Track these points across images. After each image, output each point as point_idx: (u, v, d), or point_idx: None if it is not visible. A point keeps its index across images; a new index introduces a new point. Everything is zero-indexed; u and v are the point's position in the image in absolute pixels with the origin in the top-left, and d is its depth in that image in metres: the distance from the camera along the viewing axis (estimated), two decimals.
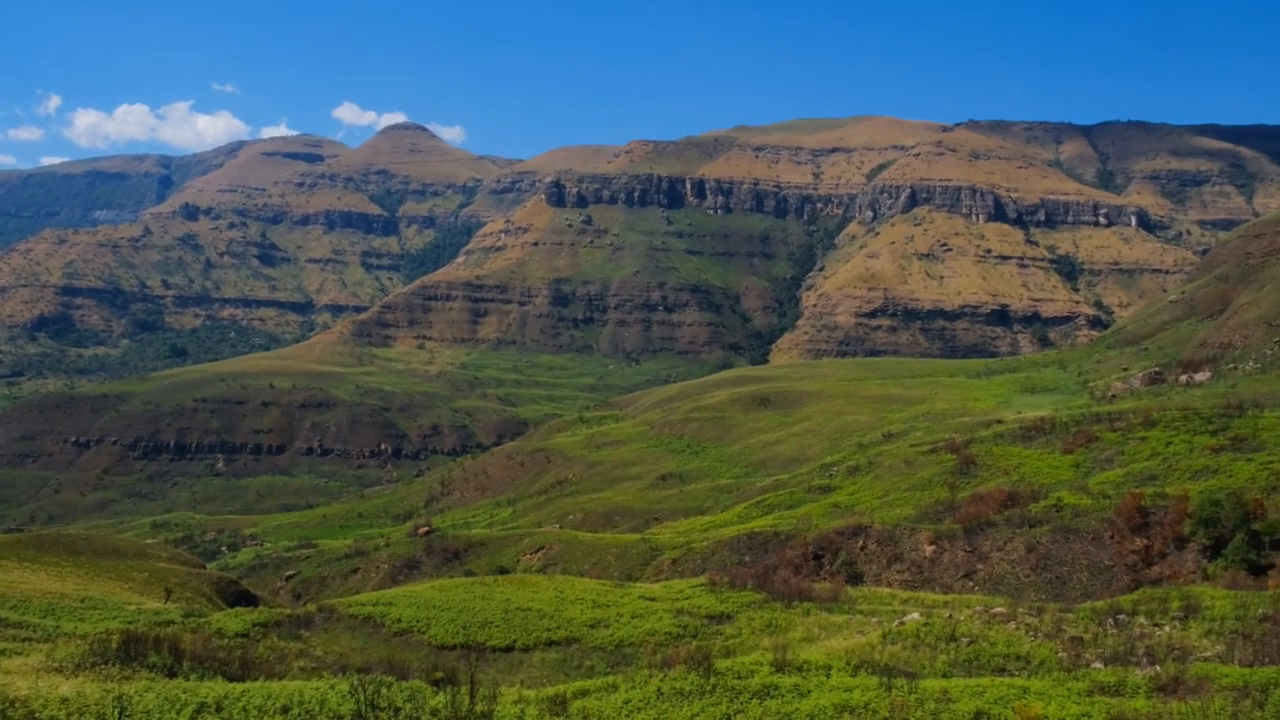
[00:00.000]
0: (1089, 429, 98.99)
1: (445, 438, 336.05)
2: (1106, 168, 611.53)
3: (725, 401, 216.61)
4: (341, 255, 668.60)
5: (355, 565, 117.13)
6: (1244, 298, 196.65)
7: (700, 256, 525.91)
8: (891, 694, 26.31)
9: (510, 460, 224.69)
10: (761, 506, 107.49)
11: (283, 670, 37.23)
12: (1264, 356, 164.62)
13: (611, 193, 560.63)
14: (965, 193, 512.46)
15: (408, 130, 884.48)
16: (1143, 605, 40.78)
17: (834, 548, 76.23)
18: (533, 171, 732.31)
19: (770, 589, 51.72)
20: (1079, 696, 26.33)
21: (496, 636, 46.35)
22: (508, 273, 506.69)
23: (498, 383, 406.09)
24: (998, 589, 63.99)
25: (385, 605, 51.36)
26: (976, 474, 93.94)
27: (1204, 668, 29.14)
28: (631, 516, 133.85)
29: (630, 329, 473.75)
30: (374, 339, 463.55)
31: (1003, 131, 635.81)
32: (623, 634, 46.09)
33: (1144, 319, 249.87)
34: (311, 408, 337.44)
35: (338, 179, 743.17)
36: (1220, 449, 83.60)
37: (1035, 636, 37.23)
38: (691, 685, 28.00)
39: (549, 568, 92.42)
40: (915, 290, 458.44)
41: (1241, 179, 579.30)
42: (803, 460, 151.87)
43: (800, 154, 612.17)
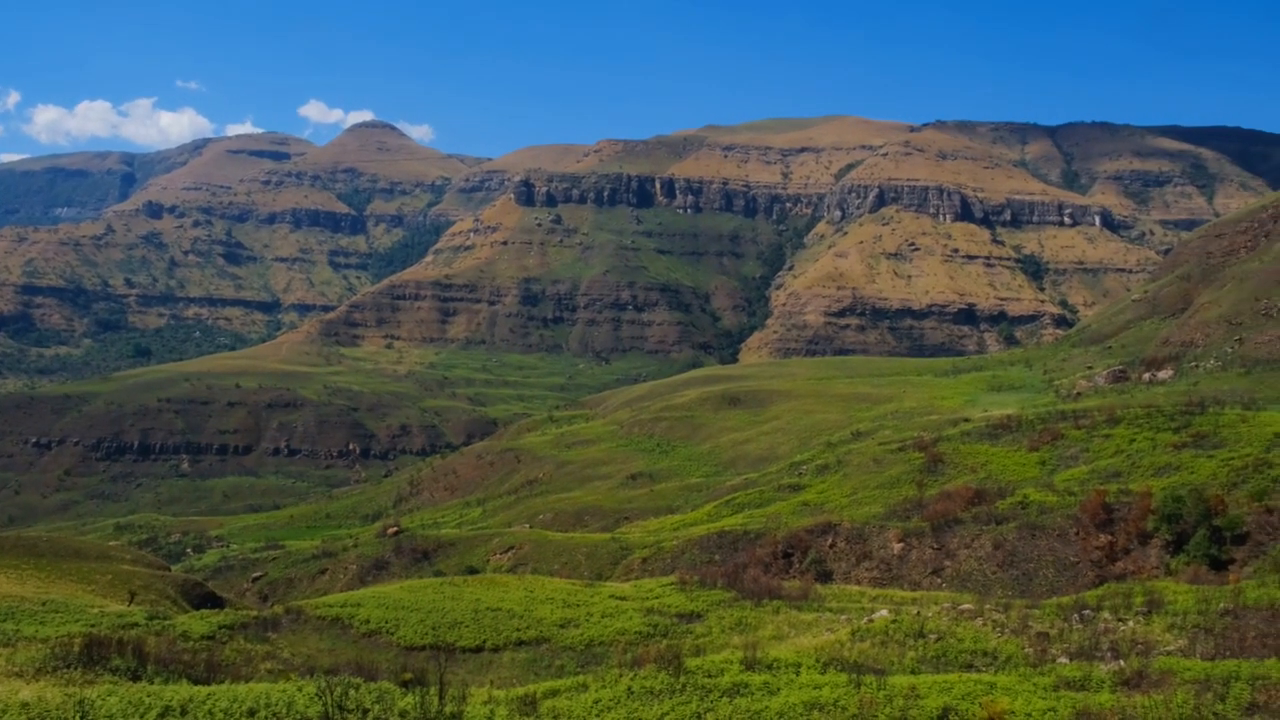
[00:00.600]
0: (1054, 427, 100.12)
1: (414, 438, 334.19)
2: (1071, 168, 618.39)
3: (695, 401, 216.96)
4: (309, 254, 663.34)
5: (323, 566, 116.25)
6: (1205, 297, 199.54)
7: (670, 256, 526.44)
8: (860, 691, 26.44)
9: (480, 460, 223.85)
10: (731, 505, 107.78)
11: (249, 673, 36.88)
12: (1225, 355, 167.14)
13: (581, 192, 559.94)
14: (933, 193, 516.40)
15: (376, 128, 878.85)
16: (1107, 601, 41.25)
17: (803, 546, 76.57)
18: (502, 170, 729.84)
19: (740, 587, 51.85)
20: (1045, 691, 26.59)
21: (466, 637, 46.14)
22: (477, 272, 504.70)
23: (467, 382, 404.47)
24: (965, 586, 64.54)
25: (353, 606, 51.00)
26: (944, 472, 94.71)
27: (1167, 662, 29.51)
28: (601, 516, 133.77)
29: (600, 328, 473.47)
30: (342, 338, 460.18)
31: (969, 132, 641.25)
32: (593, 633, 46.04)
33: (1108, 318, 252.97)
34: (278, 408, 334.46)
35: (305, 177, 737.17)
36: (1182, 446, 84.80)
37: (1002, 632, 37.56)
38: (662, 684, 28.00)
39: (519, 567, 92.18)
40: (883, 289, 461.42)
41: (1202, 179, 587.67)
42: (772, 459, 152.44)
43: (769, 154, 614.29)
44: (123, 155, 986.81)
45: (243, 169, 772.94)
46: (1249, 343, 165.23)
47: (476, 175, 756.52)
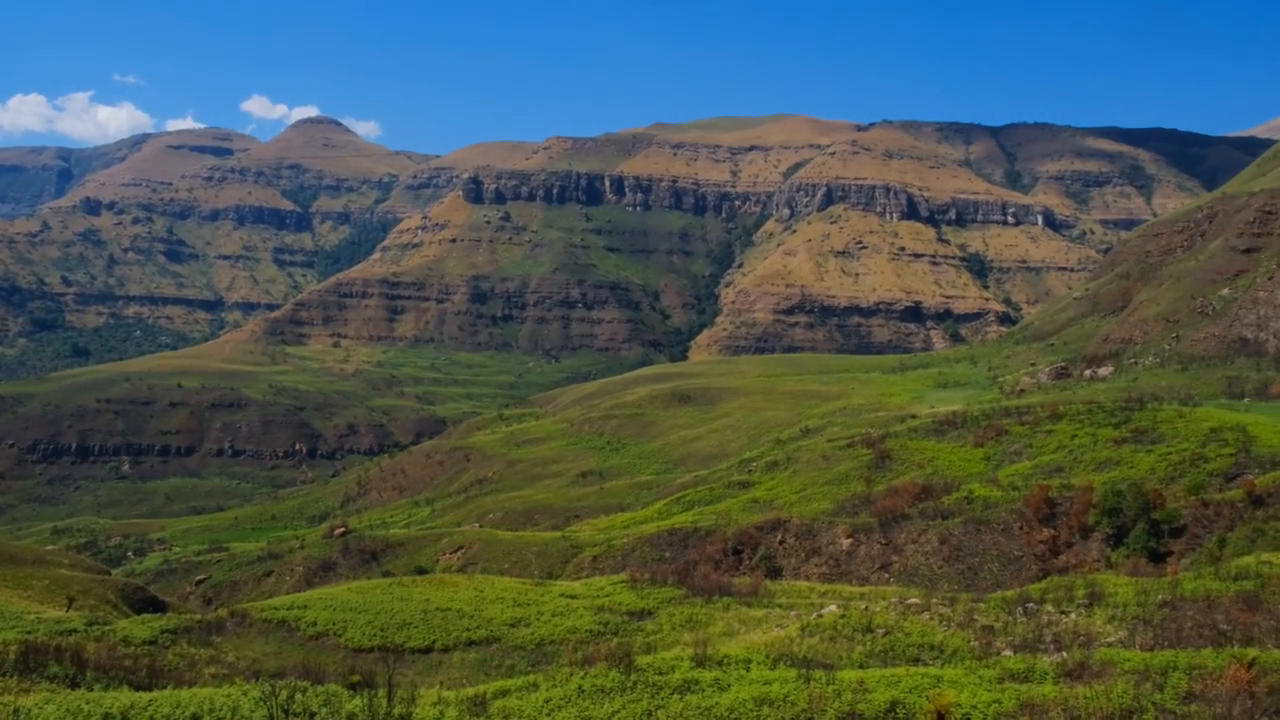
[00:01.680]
0: (999, 423, 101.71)
1: (362, 437, 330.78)
2: (1014, 168, 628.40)
3: (645, 398, 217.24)
4: (253, 251, 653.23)
5: (269, 568, 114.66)
6: (1143, 295, 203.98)
7: (619, 254, 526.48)
8: (810, 686, 26.64)
9: (429, 459, 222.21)
10: (681, 503, 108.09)
11: (193, 678, 36.27)
12: (1162, 351, 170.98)
13: (530, 189, 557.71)
14: (880, 191, 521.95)
15: (321, 124, 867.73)
16: (1050, 594, 42.00)
17: (753, 543, 77.02)
18: (450, 167, 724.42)
19: (691, 585, 52.01)
20: (990, 684, 26.98)
21: (415, 638, 45.79)
22: (425, 269, 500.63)
23: (415, 381, 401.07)
24: (912, 580, 65.32)
25: (300, 609, 50.36)
26: (891, 468, 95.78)
27: (1108, 653, 30.10)
28: (552, 514, 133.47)
29: (549, 326, 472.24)
30: (287, 337, 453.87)
31: (915, 131, 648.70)
32: (543, 632, 45.92)
33: (1050, 316, 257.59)
34: (222, 408, 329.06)
35: (248, 173, 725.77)
36: (1122, 441, 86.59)
37: (948, 626, 38.08)
38: (612, 682, 27.99)
39: (469, 567, 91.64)
40: (831, 287, 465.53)
41: (1140, 180, 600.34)
42: (722, 456, 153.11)
43: (718, 152, 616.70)
44: (59, 150, 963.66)
45: (184, 165, 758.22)
46: (1186, 340, 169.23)
47: (424, 172, 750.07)
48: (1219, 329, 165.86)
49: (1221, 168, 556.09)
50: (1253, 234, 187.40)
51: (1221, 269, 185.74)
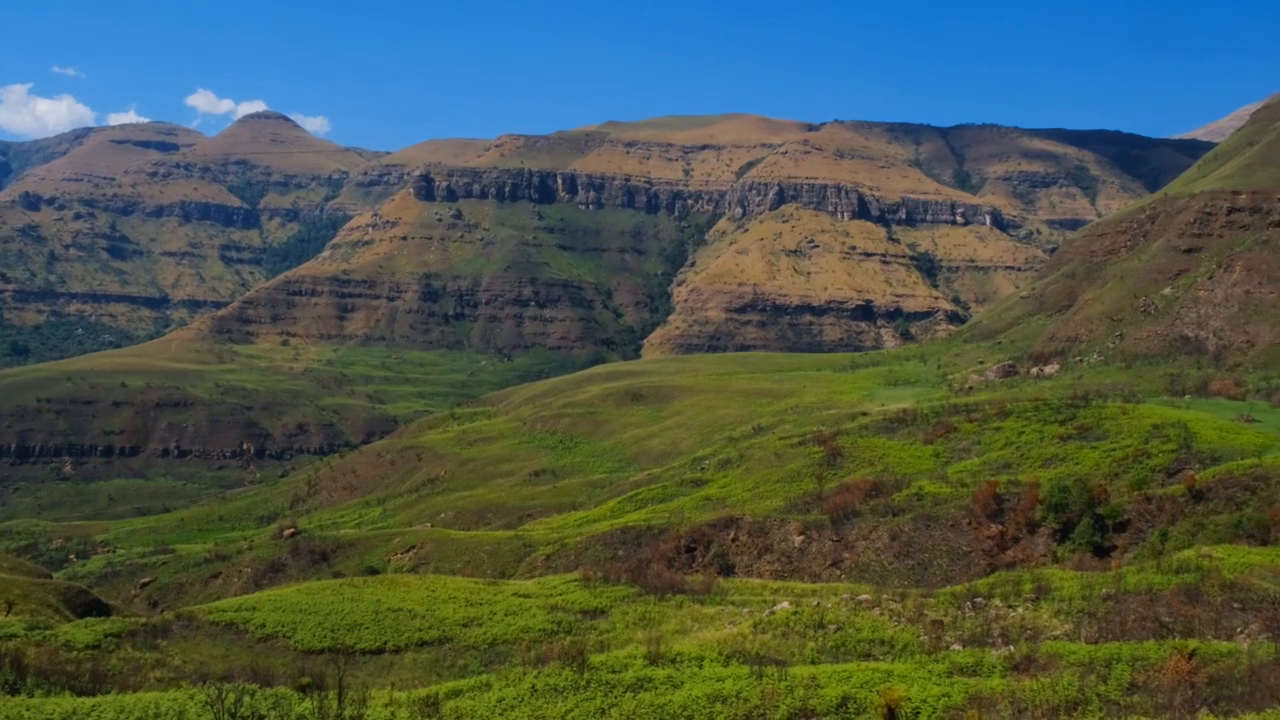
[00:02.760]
0: (948, 420, 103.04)
1: (311, 436, 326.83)
2: (963, 168, 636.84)
3: (598, 397, 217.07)
4: (199, 248, 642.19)
5: (216, 570, 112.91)
6: (1088, 294, 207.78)
7: (572, 252, 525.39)
8: (762, 682, 26.78)
9: (380, 459, 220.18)
10: (634, 501, 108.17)
11: (138, 682, 35.65)
12: (1107, 349, 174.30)
13: (482, 187, 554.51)
14: (831, 191, 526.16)
15: (269, 120, 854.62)
16: (998, 588, 42.63)
17: (706, 540, 77.27)
18: (401, 164, 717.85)
19: (644, 583, 52.04)
20: (939, 678, 27.30)
21: (366, 639, 45.36)
22: (376, 267, 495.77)
23: (366, 379, 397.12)
24: (864, 576, 65.92)
25: (248, 610, 49.66)
26: (843, 465, 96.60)
27: (1054, 646, 30.61)
28: (504, 513, 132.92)
29: (502, 325, 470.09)
30: (235, 335, 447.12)
31: (865, 131, 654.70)
32: (496, 632, 45.71)
33: (998, 314, 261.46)
34: (168, 407, 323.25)
35: (194, 169, 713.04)
36: (1068, 438, 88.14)
37: (899, 621, 38.49)
38: (566, 681, 27.93)
39: (421, 567, 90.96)
40: (784, 286, 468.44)
41: (1085, 181, 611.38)
42: (675, 454, 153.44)
43: (671, 150, 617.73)
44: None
45: (127, 160, 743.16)
46: (1129, 338, 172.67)
47: (375, 169, 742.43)
48: (1161, 327, 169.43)
49: (1163, 169, 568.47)
50: (1193, 234, 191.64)
51: (1164, 269, 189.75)
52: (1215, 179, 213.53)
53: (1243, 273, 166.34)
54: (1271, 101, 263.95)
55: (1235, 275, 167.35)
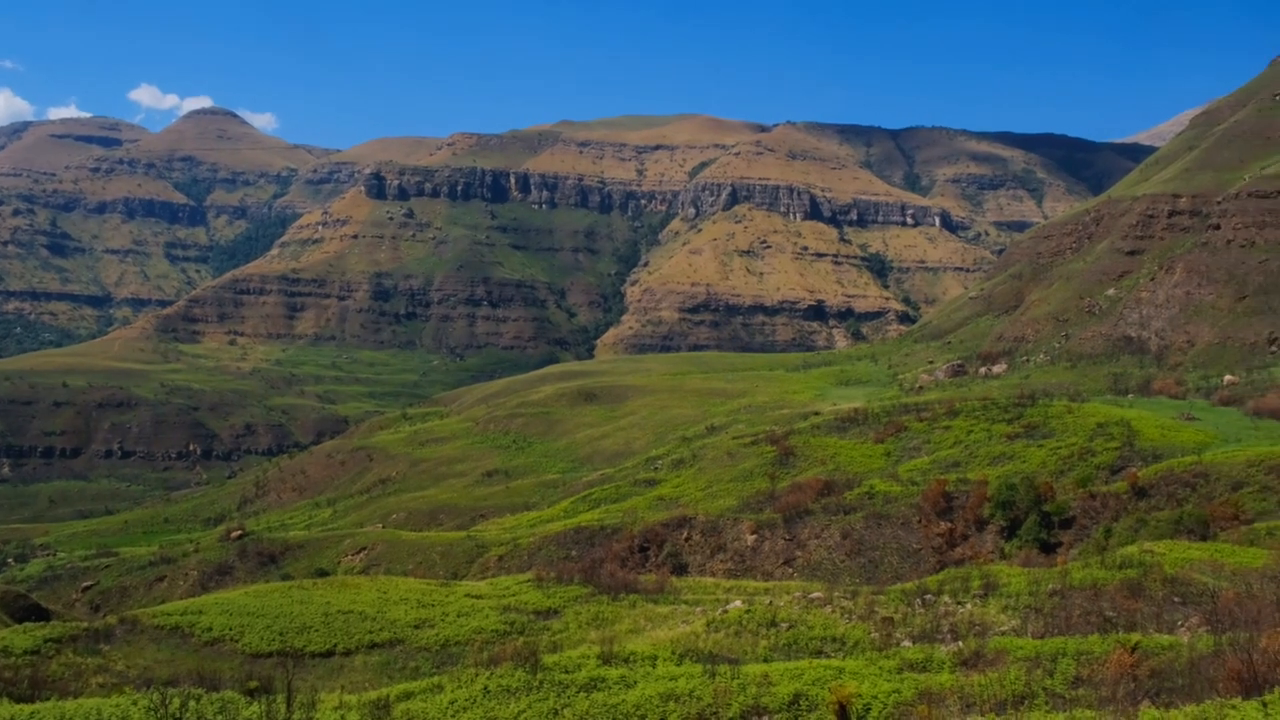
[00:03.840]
0: (898, 419, 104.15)
1: (260, 437, 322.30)
2: (913, 170, 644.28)
3: (551, 397, 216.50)
4: (143, 246, 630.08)
5: (161, 573, 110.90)
6: (1035, 295, 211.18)
7: (525, 251, 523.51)
8: (715, 681, 26.85)
9: (330, 459, 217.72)
10: (588, 501, 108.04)
11: (79, 688, 34.93)
12: (1053, 349, 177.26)
13: (434, 185, 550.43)
14: (783, 192, 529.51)
15: (215, 115, 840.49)
16: (947, 585, 43.15)
17: (659, 540, 77.37)
18: (351, 162, 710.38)
19: (597, 583, 51.98)
20: (890, 674, 27.56)
21: (316, 641, 44.81)
22: (326, 266, 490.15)
23: (316, 379, 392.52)
24: (815, 574, 66.38)
25: (194, 614, 48.85)
26: (795, 464, 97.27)
27: (1001, 641, 31.03)
28: (457, 514, 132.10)
29: (454, 324, 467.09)
30: (180, 334, 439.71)
31: (818, 133, 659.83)
32: (448, 633, 45.39)
33: (947, 314, 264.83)
34: (110, 407, 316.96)
35: (138, 165, 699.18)
36: (1015, 436, 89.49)
37: (850, 619, 38.79)
38: (518, 682, 27.80)
39: (371, 568, 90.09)
40: (736, 286, 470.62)
41: (1032, 184, 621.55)
42: (628, 454, 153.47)
43: (624, 150, 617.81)
44: None
45: (69, 155, 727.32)
46: (1074, 338, 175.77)
47: (325, 166, 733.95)
48: (1105, 328, 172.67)
49: (1107, 173, 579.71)
50: (1136, 237, 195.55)
51: (1108, 270, 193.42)
52: (1157, 182, 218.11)
53: (1183, 274, 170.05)
54: (1210, 107, 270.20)
55: (1176, 277, 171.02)
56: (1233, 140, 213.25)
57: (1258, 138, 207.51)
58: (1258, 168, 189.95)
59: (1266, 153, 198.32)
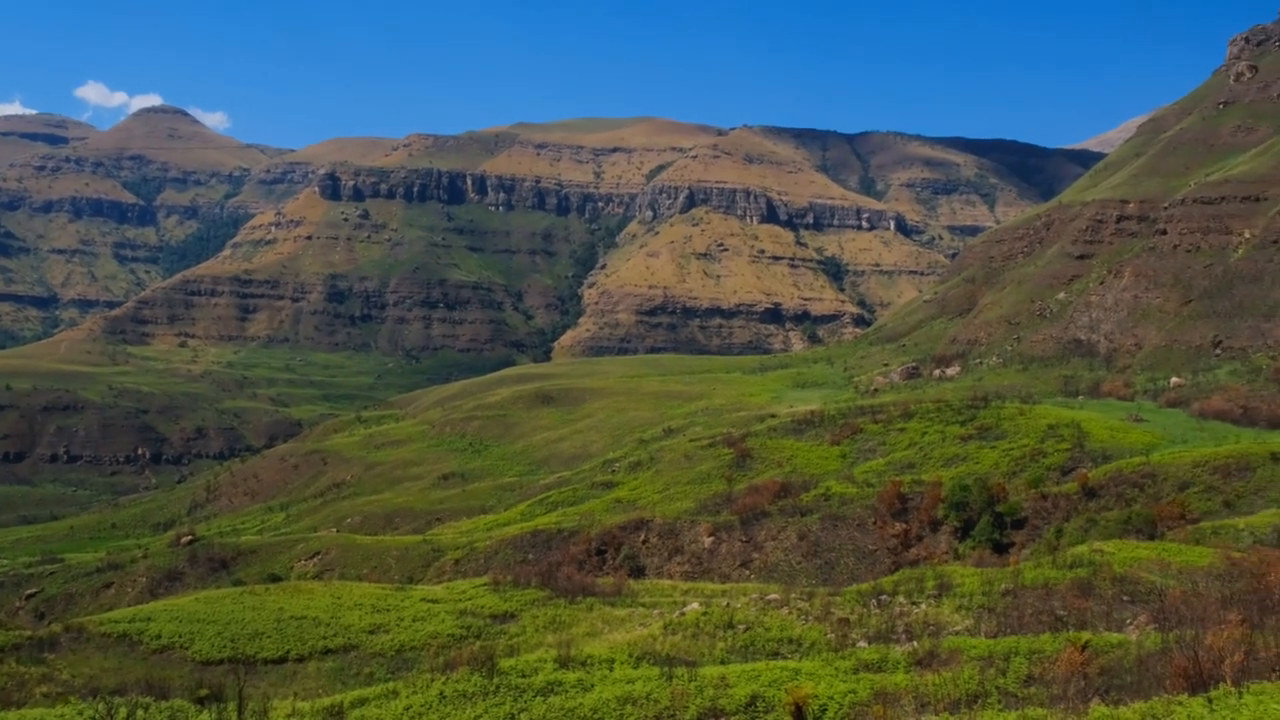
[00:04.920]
0: (854, 421, 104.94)
1: (211, 441, 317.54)
2: (868, 174, 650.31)
3: (508, 399, 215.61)
4: (91, 246, 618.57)
5: (108, 580, 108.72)
6: (988, 298, 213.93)
7: (481, 253, 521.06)
8: (672, 683, 26.83)
9: (283, 463, 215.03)
10: (545, 504, 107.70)
11: (22, 698, 34.16)
12: (1005, 352, 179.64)
13: (390, 187, 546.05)
14: (740, 195, 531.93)
15: (166, 114, 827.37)
16: (902, 586, 43.51)
17: (617, 542, 77.30)
18: (305, 162, 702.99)
19: (554, 586, 51.78)
20: (846, 675, 27.70)
21: (268, 648, 44.18)
22: (279, 267, 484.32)
23: (269, 382, 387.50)
24: (772, 576, 66.66)
25: (143, 621, 47.97)
26: (752, 466, 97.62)
27: (955, 641, 31.33)
28: (413, 518, 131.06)
29: (410, 326, 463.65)
30: (129, 336, 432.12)
31: (774, 137, 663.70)
32: (404, 638, 44.97)
33: (902, 317, 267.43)
34: (56, 410, 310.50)
35: (85, 163, 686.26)
36: (968, 438, 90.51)
37: (806, 620, 38.98)
38: (475, 687, 27.59)
39: (325, 573, 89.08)
40: (694, 289, 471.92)
41: (985, 189, 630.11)
42: (585, 457, 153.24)
43: (581, 153, 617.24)
44: None
45: (13, 153, 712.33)
46: (1026, 341, 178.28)
47: (278, 166, 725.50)
48: (1056, 331, 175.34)
49: (1058, 178, 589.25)
50: (1085, 241, 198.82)
51: (1058, 274, 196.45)
52: (1106, 188, 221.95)
53: (1131, 278, 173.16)
54: (1156, 114, 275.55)
55: (1124, 281, 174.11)
56: (1178, 148, 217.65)
57: (1202, 145, 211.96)
58: (1202, 174, 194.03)
59: (1210, 160, 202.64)
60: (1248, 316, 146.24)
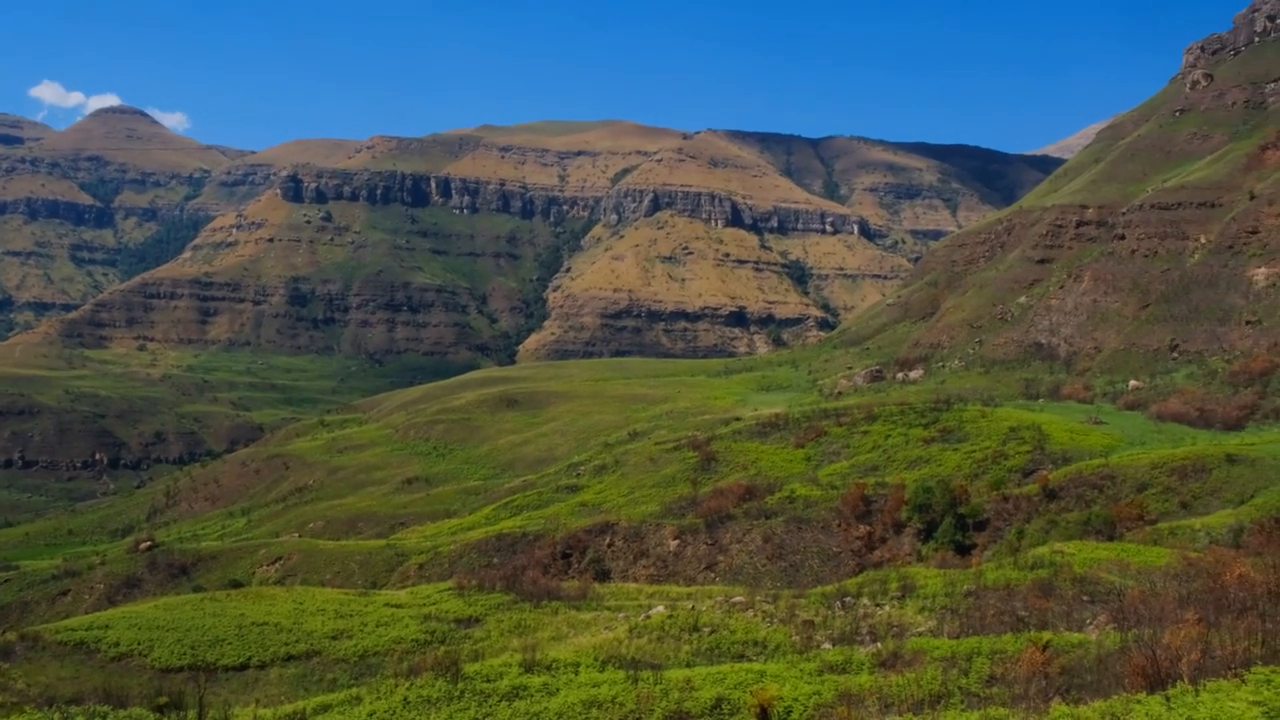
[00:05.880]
0: (818, 424, 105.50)
1: (171, 445, 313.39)
2: (832, 179, 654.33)
3: (472, 403, 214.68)
4: (46, 248, 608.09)
5: (65, 587, 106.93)
6: (950, 302, 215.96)
7: (446, 256, 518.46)
8: (638, 686, 26.82)
9: (244, 468, 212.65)
10: (510, 508, 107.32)
11: None
12: (967, 355, 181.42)
13: (353, 189, 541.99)
14: (705, 198, 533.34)
15: (124, 114, 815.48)
16: (866, 587, 43.78)
17: (582, 546, 77.20)
18: (267, 164, 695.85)
19: (519, 590, 51.59)
20: (810, 676, 27.83)
21: (229, 655, 43.64)
22: (240, 270, 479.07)
23: (230, 386, 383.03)
24: (738, 579, 66.82)
25: (101, 629, 47.22)
26: (717, 469, 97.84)
27: (918, 642, 31.56)
28: (376, 522, 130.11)
29: (373, 330, 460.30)
30: (87, 340, 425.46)
31: (739, 141, 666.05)
32: (367, 644, 44.62)
33: (865, 321, 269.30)
34: (11, 415, 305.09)
35: (41, 164, 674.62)
36: (931, 440, 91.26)
37: (771, 622, 39.10)
38: (439, 692, 27.43)
39: (287, 579, 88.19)
40: (659, 292, 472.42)
41: (947, 194, 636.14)
42: (550, 460, 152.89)
43: (546, 156, 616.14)
44: None
45: None
46: (988, 344, 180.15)
47: (239, 168, 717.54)
48: (1017, 334, 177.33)
49: (1019, 183, 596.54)
50: (1046, 246, 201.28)
51: (1019, 278, 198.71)
52: (1065, 193, 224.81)
53: (1090, 282, 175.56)
54: (1115, 121, 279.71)
55: (1084, 285, 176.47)
56: (1136, 154, 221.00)
57: (1159, 152, 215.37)
58: (1159, 180, 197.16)
59: (1167, 166, 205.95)
60: (1204, 320, 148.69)
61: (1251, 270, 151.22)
